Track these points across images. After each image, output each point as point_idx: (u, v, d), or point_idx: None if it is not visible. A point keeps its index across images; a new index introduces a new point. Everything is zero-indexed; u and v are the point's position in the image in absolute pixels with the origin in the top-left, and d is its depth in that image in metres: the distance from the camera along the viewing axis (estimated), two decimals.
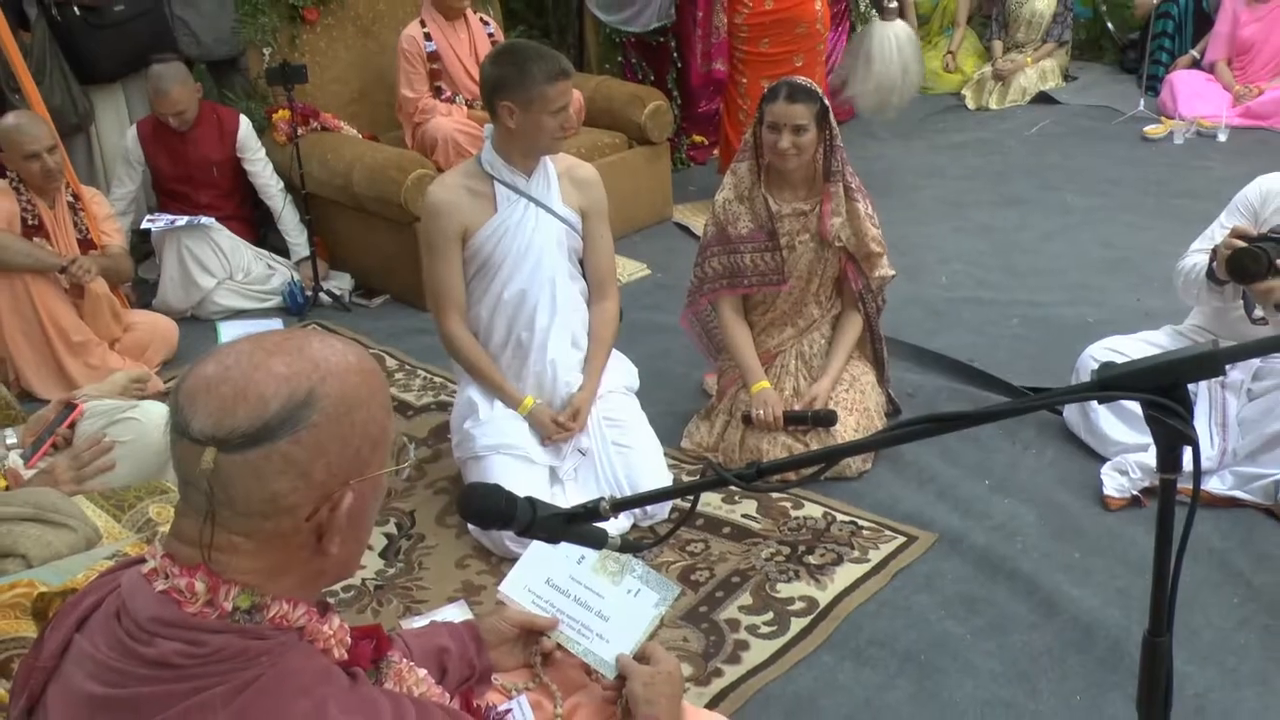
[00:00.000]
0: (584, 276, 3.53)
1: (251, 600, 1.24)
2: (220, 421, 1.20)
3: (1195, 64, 7.49)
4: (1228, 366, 3.38)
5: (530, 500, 1.43)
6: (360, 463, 1.28)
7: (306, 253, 5.36)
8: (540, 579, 1.96)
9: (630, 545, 1.54)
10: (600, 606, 1.92)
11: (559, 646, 1.93)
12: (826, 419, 3.58)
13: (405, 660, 1.49)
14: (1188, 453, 1.28)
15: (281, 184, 5.43)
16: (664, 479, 3.47)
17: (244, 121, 5.40)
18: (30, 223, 4.46)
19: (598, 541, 1.48)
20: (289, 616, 1.27)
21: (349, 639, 1.36)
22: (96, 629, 1.28)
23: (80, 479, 2.87)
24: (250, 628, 1.23)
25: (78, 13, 5.27)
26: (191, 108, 5.19)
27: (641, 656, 1.87)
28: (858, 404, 3.67)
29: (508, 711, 1.74)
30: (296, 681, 1.21)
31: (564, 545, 1.60)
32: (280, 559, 1.27)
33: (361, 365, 1.30)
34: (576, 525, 1.46)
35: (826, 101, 3.58)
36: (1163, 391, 1.25)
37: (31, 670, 1.32)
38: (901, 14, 8.43)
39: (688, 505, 1.65)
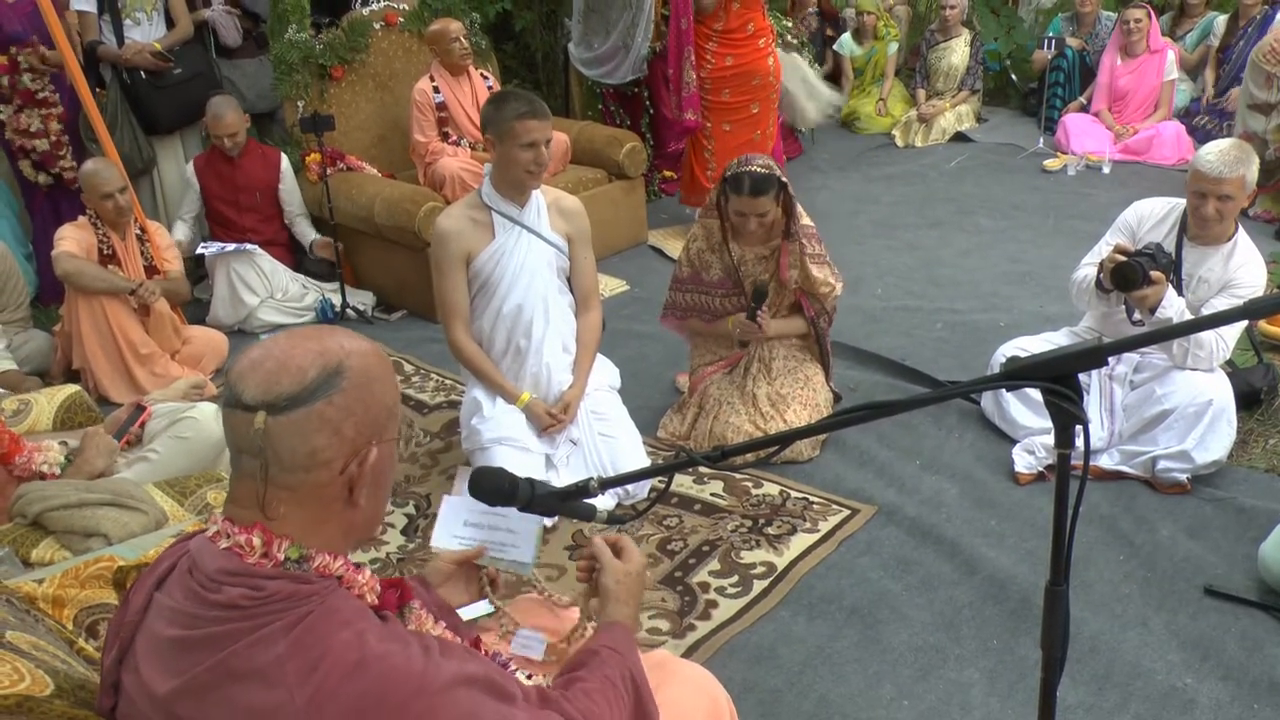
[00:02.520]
0: (571, 292, 3.54)
1: (300, 552, 1.28)
2: (268, 389, 1.25)
3: (1083, 109, 7.55)
4: (1111, 359, 3.43)
5: (530, 481, 1.44)
6: (379, 427, 1.32)
7: (315, 235, 5.42)
8: (459, 524, 1.98)
9: (615, 518, 1.55)
10: (506, 525, 1.94)
11: (497, 571, 1.94)
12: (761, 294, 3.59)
13: (424, 608, 1.51)
14: (1080, 432, 1.30)
15: (304, 209, 5.46)
16: (643, 463, 3.47)
17: (285, 159, 5.43)
18: (105, 252, 4.45)
19: (588, 515, 1.48)
20: (330, 566, 1.30)
21: (379, 588, 1.38)
22: (173, 585, 1.31)
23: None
24: (300, 574, 1.27)
25: (144, 76, 5.29)
26: (241, 132, 5.21)
27: (614, 547, 1.78)
28: (809, 400, 3.69)
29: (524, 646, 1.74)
30: (340, 617, 1.24)
31: (466, 492, 1.62)
32: (320, 511, 1.31)
33: (376, 350, 1.36)
34: (570, 501, 1.47)
35: (784, 177, 3.51)
36: (1058, 380, 1.28)
37: (120, 625, 1.34)
38: (837, 68, 8.53)
39: (664, 485, 1.66)
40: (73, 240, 4.34)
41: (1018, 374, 1.30)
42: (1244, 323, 3.54)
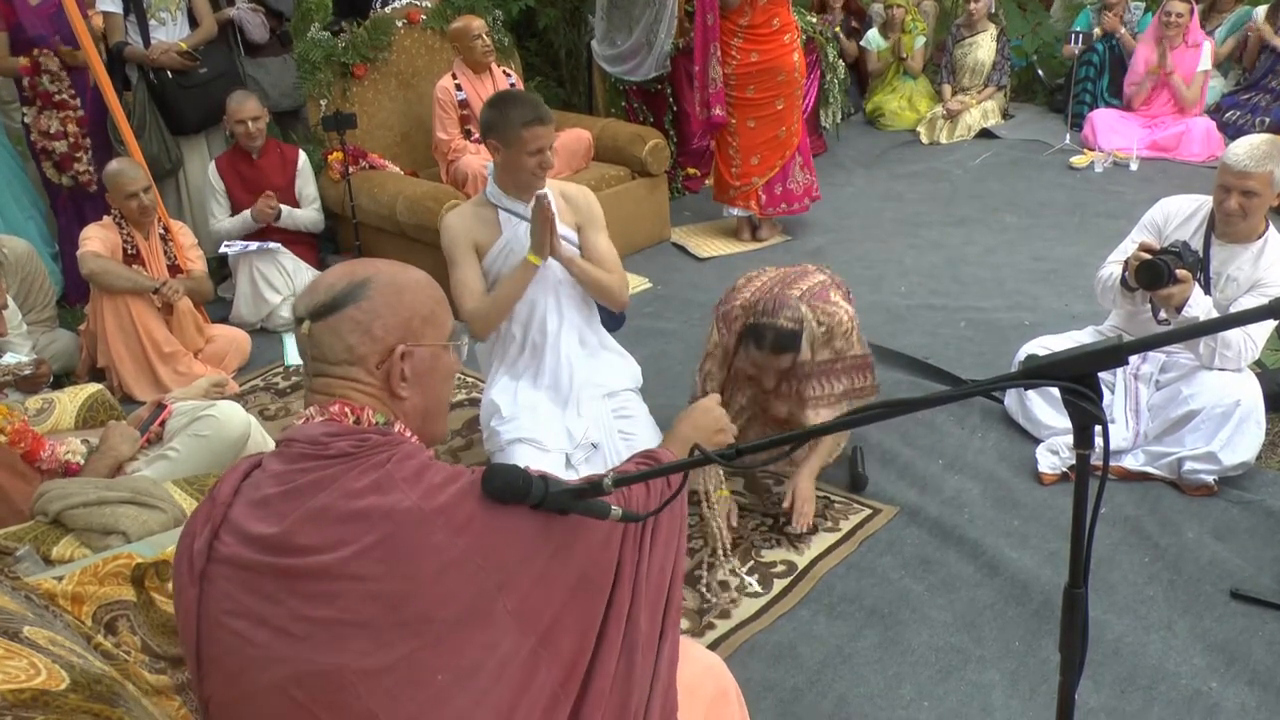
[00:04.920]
0: None
1: (385, 418, 1.54)
2: (309, 303, 1.54)
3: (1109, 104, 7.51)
4: (1136, 359, 3.41)
5: (544, 478, 1.43)
6: (411, 330, 1.56)
7: (305, 215, 5.40)
8: None
9: (630, 516, 1.54)
10: None
11: None
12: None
13: None
14: (1100, 432, 1.28)
15: (319, 203, 5.47)
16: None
17: (302, 154, 5.46)
18: (129, 252, 4.49)
19: (602, 513, 1.48)
20: (405, 433, 1.56)
21: None
22: (268, 465, 1.50)
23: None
24: (388, 430, 1.53)
25: (170, 76, 5.33)
26: (262, 118, 5.23)
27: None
28: (833, 410, 3.59)
29: None
30: (421, 449, 1.53)
31: None
32: (375, 403, 1.54)
33: (419, 273, 1.62)
34: (583, 499, 1.46)
35: (805, 328, 3.18)
36: (1077, 379, 1.26)
37: (210, 512, 1.49)
38: (862, 64, 8.49)
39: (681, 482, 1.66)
40: (97, 240, 4.38)
41: (1036, 373, 1.27)
42: (1273, 322, 3.50)
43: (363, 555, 1.37)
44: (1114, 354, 1.25)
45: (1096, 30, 7.60)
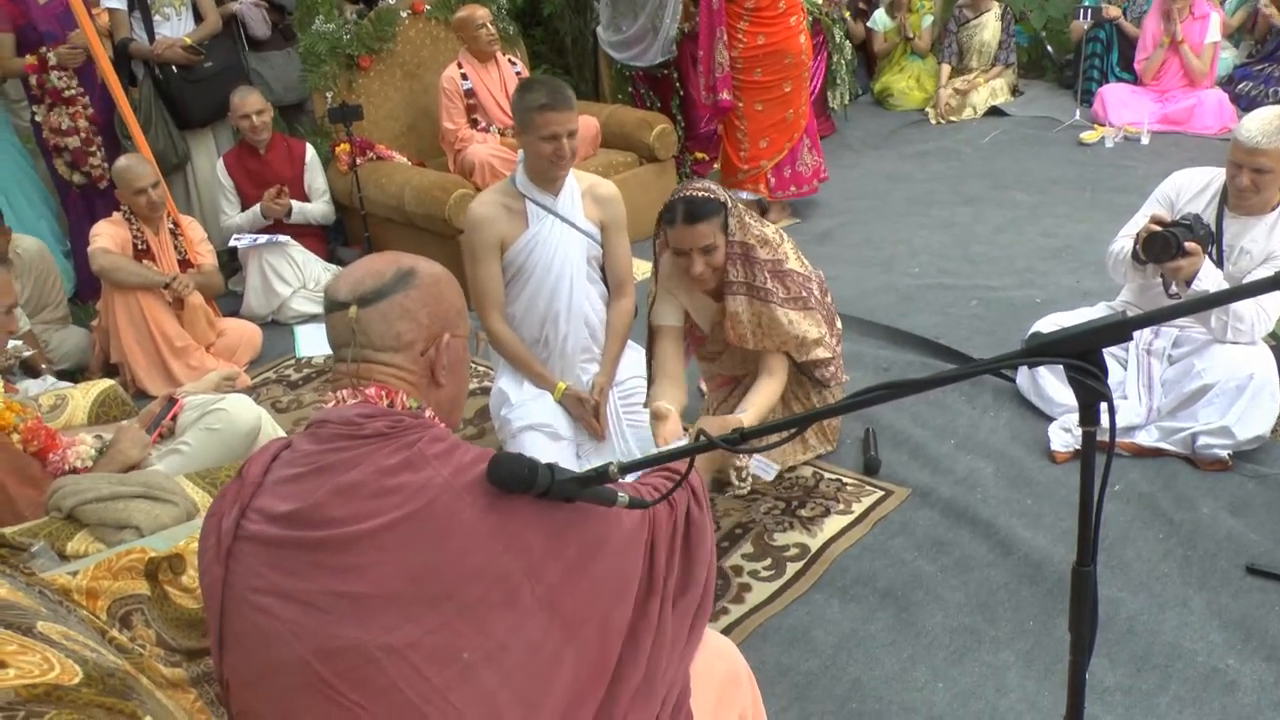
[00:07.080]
0: (604, 280, 3.50)
1: (418, 403, 1.57)
2: (356, 288, 1.56)
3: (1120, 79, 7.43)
4: (1149, 334, 3.38)
5: (550, 466, 1.43)
6: (450, 321, 1.61)
7: (315, 208, 5.47)
8: None
9: (637, 503, 1.54)
10: None
11: None
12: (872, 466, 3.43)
13: None
14: (1105, 409, 1.27)
15: (328, 195, 5.51)
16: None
17: (310, 148, 5.49)
18: (139, 247, 4.51)
19: (609, 500, 1.48)
20: (435, 419, 1.58)
21: None
22: (298, 446, 1.52)
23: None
24: (419, 414, 1.55)
25: (175, 71, 5.34)
26: (267, 111, 5.27)
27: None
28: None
29: None
30: (450, 433, 1.55)
31: None
32: (411, 390, 1.57)
33: (445, 269, 1.65)
34: (590, 486, 1.46)
35: (728, 201, 3.01)
36: (1081, 356, 1.25)
37: (240, 491, 1.51)
38: (869, 44, 8.43)
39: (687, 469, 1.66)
40: (107, 236, 4.40)
41: (1040, 350, 1.26)
42: None
43: (392, 527, 1.39)
44: (1119, 329, 1.24)
45: (1111, 10, 7.50)
